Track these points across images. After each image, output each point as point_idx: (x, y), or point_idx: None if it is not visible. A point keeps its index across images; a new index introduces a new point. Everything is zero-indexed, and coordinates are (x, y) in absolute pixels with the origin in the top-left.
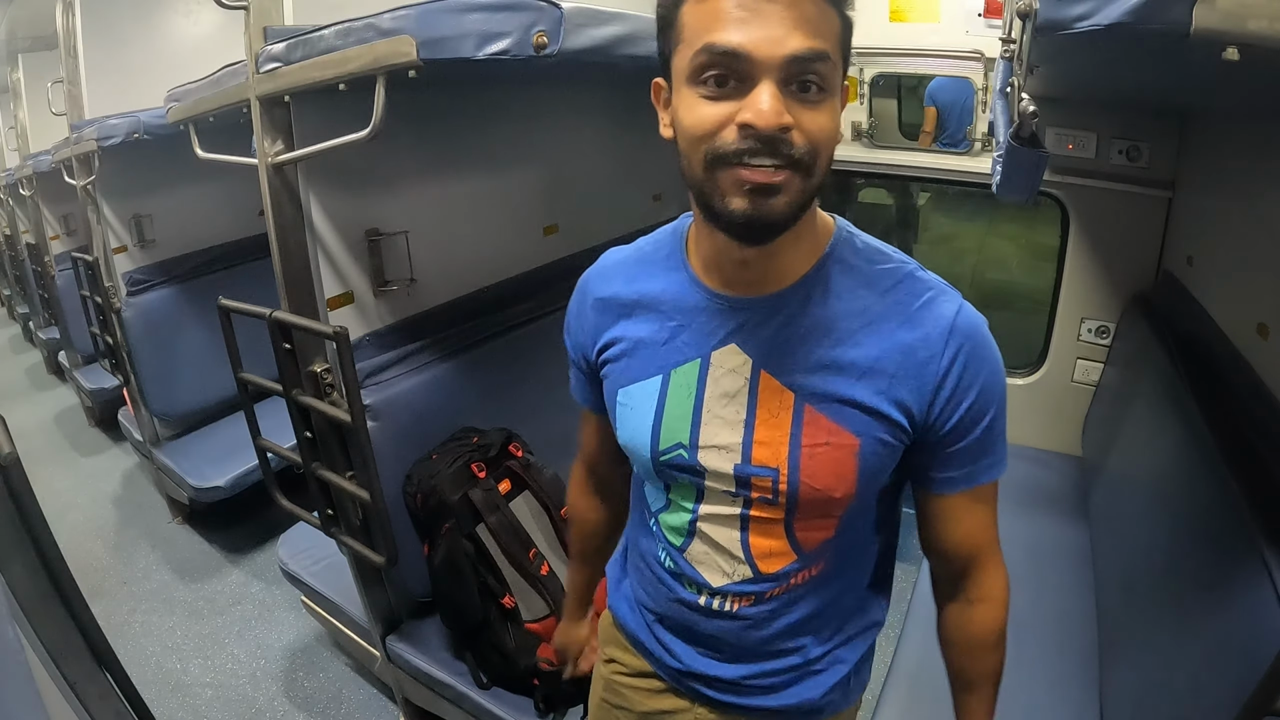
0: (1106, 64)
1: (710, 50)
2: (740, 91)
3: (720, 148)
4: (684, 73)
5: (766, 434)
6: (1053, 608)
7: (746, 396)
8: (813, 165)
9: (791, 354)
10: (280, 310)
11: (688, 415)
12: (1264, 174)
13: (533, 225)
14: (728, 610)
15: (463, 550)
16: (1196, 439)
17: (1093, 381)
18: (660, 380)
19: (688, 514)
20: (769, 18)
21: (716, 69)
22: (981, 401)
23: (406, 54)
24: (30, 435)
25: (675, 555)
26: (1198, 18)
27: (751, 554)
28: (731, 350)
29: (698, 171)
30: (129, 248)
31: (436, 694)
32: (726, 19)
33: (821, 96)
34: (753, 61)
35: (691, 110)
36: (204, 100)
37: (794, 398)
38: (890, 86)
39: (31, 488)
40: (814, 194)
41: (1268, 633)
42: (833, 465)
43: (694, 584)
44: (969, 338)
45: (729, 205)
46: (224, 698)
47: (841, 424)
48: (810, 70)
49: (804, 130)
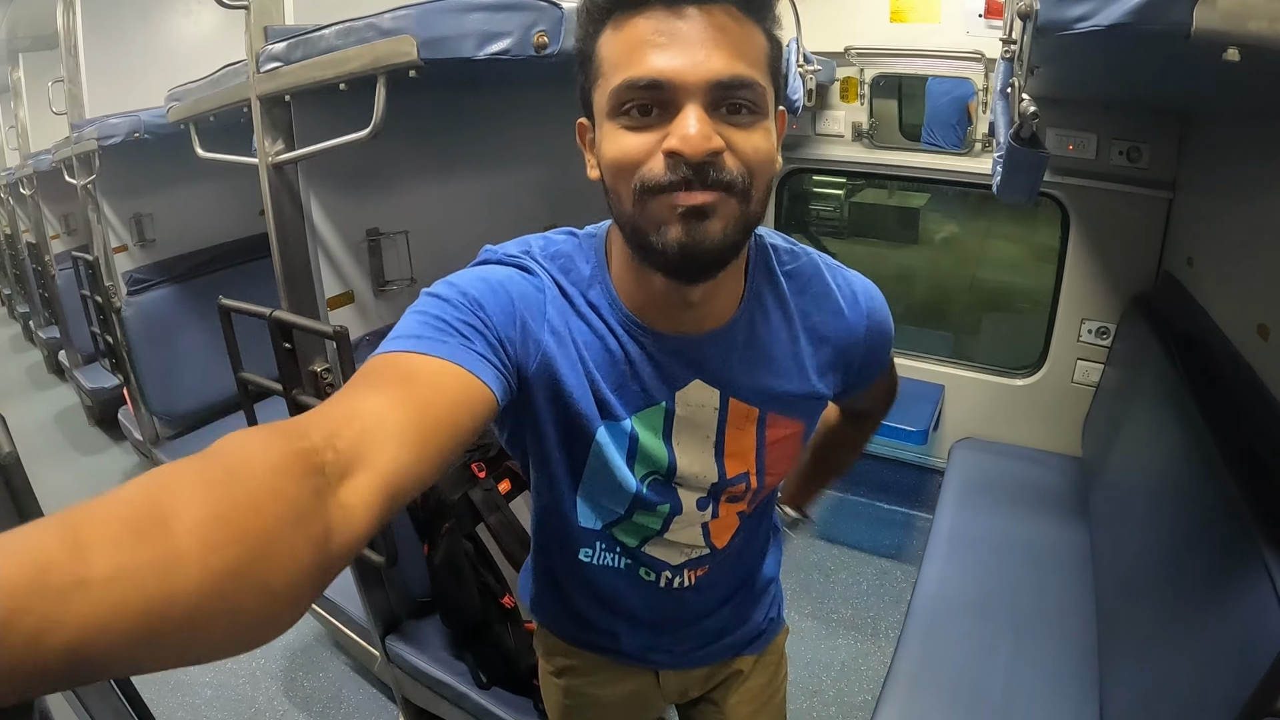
0: (1107, 65)
1: (631, 85)
2: (665, 119)
3: (649, 179)
4: (605, 109)
5: (735, 446)
6: (1053, 608)
7: (716, 422)
8: (749, 190)
9: (752, 376)
10: (280, 310)
11: (661, 451)
12: (1264, 175)
13: (533, 225)
14: (685, 585)
15: (462, 550)
16: (1196, 440)
17: (1093, 382)
18: (628, 423)
19: (653, 530)
20: (688, 41)
21: (638, 100)
22: (883, 349)
23: (407, 54)
24: (30, 434)
25: (631, 553)
26: (1198, 18)
27: (710, 538)
28: (697, 386)
29: (627, 206)
30: (129, 247)
31: (436, 694)
32: (644, 47)
33: (753, 119)
34: (674, 88)
35: (616, 143)
36: (204, 100)
37: (758, 411)
38: (891, 87)
39: (31, 487)
40: (753, 223)
41: (1267, 633)
42: (788, 452)
43: (651, 570)
44: (872, 307)
45: (665, 236)
46: (223, 697)
47: (794, 416)
48: (736, 96)
49: (737, 152)
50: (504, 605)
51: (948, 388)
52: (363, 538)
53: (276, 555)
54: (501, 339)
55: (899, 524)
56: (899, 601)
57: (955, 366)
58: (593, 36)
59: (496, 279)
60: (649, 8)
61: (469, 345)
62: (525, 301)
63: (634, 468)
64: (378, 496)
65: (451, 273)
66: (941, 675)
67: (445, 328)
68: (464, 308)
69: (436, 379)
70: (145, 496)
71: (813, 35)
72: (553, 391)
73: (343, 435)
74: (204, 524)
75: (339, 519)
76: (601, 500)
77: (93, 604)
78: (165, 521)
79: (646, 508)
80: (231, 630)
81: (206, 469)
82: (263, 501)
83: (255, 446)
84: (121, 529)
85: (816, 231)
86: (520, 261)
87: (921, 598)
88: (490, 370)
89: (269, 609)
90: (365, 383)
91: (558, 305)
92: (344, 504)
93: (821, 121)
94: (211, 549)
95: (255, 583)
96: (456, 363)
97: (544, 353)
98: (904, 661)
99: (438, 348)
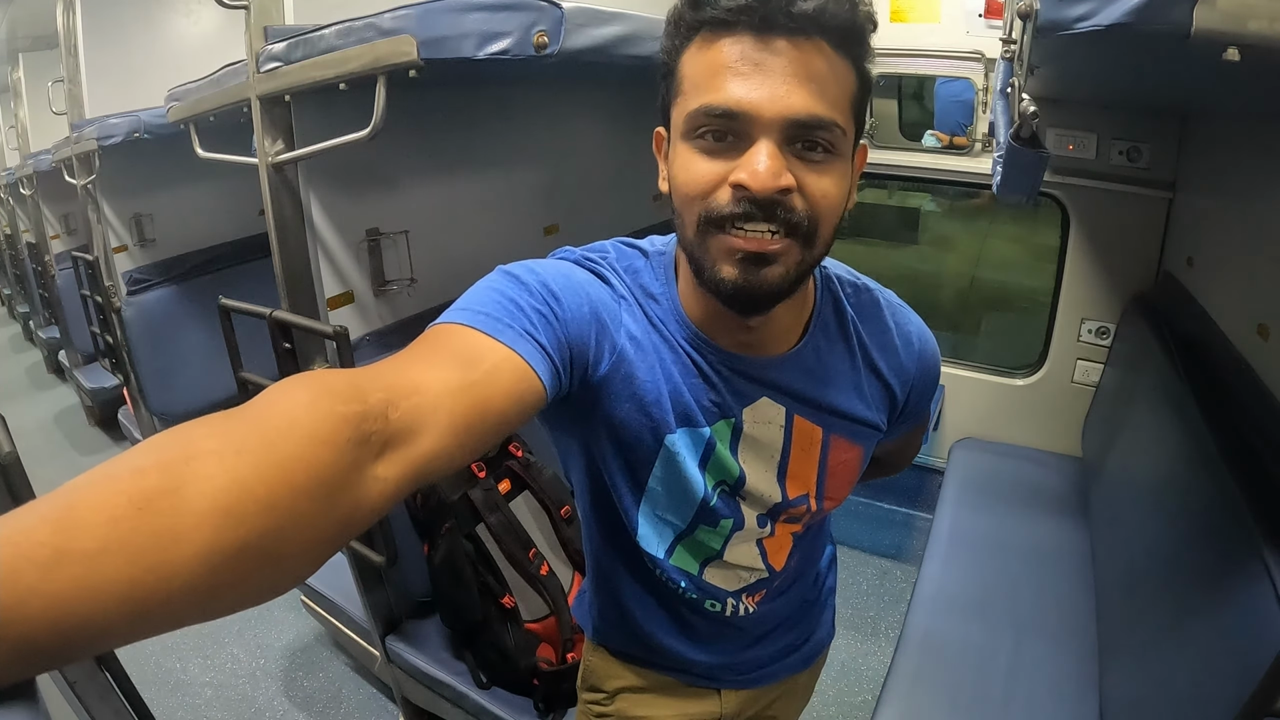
0: (1107, 65)
1: (708, 111)
2: (738, 148)
3: (714, 209)
4: (681, 128)
5: (798, 467)
6: (1053, 607)
7: (781, 441)
8: (814, 234)
9: (818, 397)
10: (280, 310)
11: (732, 462)
12: (1264, 175)
13: (533, 225)
14: (746, 611)
15: (462, 550)
16: (1197, 440)
17: (1093, 382)
18: (707, 430)
19: (714, 550)
20: (772, 73)
21: (713, 126)
22: (930, 387)
23: (407, 54)
24: (30, 434)
25: (694, 580)
26: (1198, 18)
27: (767, 558)
28: (765, 402)
29: (690, 234)
30: (129, 247)
31: (436, 694)
32: (727, 73)
33: (828, 158)
34: (751, 120)
35: (686, 167)
36: (204, 100)
37: (822, 432)
38: (891, 87)
39: (31, 487)
40: (814, 265)
41: (1268, 633)
42: (847, 476)
43: (713, 598)
44: (925, 350)
45: (719, 273)
46: (223, 697)
47: (853, 440)
48: (813, 135)
49: (806, 193)
50: (504, 605)
51: (948, 388)
52: (383, 511)
53: (298, 529)
54: (569, 337)
55: (899, 524)
56: (899, 601)
57: (955, 366)
58: (678, 50)
59: (577, 279)
60: (738, 30)
61: (534, 336)
62: (603, 305)
63: (706, 476)
64: (409, 474)
65: (451, 272)
66: (941, 675)
67: (516, 312)
68: (539, 296)
69: (497, 369)
70: (160, 464)
71: None
72: (629, 393)
73: (400, 406)
74: (225, 493)
75: (371, 490)
76: (665, 514)
77: (73, 577)
78: (179, 490)
79: (710, 521)
80: (234, 602)
81: (240, 433)
82: (295, 473)
83: (300, 406)
84: (122, 502)
85: None
86: (599, 269)
87: (921, 597)
88: (547, 365)
89: (275, 581)
90: (431, 353)
91: (634, 314)
92: (379, 476)
93: None
94: (229, 522)
95: (270, 556)
96: (518, 352)
97: (620, 355)
98: (904, 661)
99: (505, 333)
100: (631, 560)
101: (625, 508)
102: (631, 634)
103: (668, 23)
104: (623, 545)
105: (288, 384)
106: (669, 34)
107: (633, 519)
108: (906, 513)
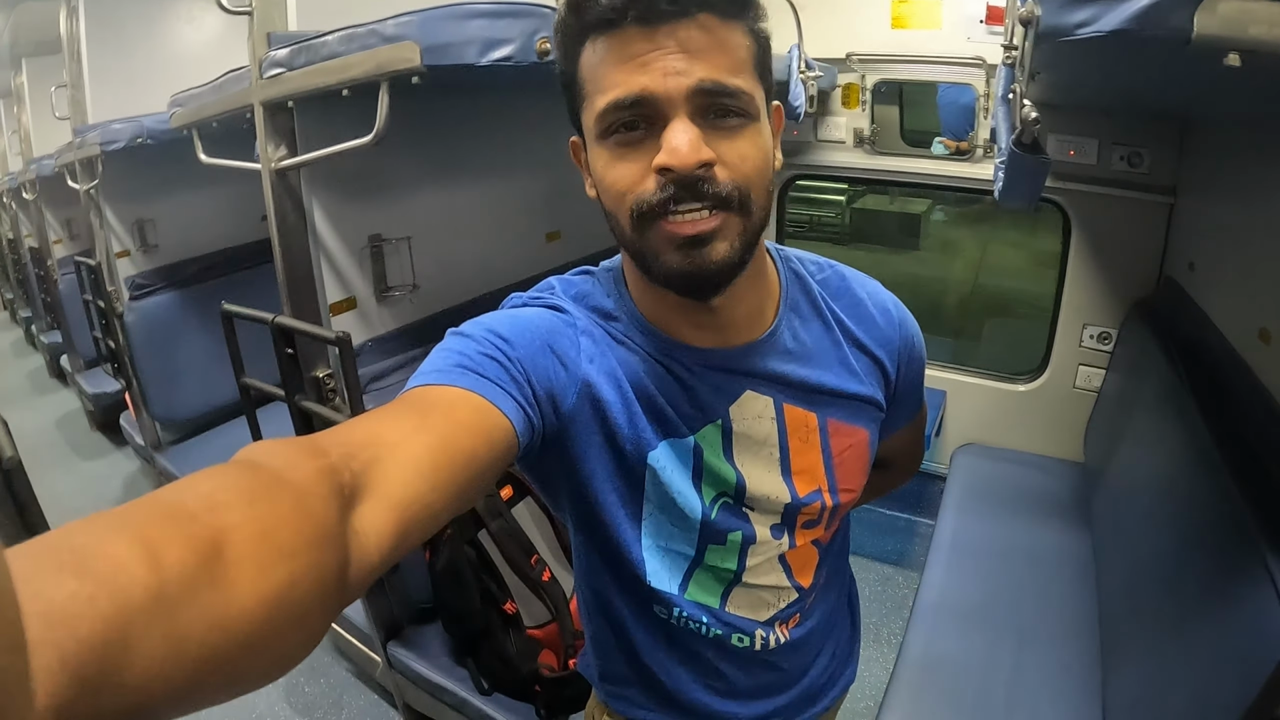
0: (1108, 70)
1: (616, 105)
2: (653, 135)
3: (643, 201)
4: (593, 130)
5: (802, 461)
6: (1055, 613)
7: (777, 435)
8: (747, 200)
9: (805, 379)
10: (283, 315)
11: (728, 469)
12: (1265, 179)
13: (536, 231)
14: (781, 642)
15: (464, 556)
16: (1199, 444)
17: (1095, 388)
18: (692, 440)
19: (729, 573)
20: (668, 55)
21: (624, 118)
22: (919, 361)
23: (410, 60)
24: (32, 439)
25: (717, 615)
26: (1199, 24)
27: (793, 576)
28: (749, 396)
29: (627, 231)
30: (131, 252)
31: (438, 700)
32: (623, 66)
33: (742, 122)
34: (657, 101)
35: (608, 168)
36: (207, 105)
37: (817, 417)
38: (892, 93)
39: (33, 491)
40: (758, 232)
41: (1270, 638)
42: (857, 463)
43: (741, 632)
44: (904, 318)
45: (664, 263)
46: (225, 703)
47: (855, 422)
48: (721, 102)
49: (727, 164)
50: (505, 611)
51: (949, 393)
52: (377, 568)
53: (311, 580)
54: (527, 373)
55: (901, 530)
56: (901, 607)
57: (957, 372)
58: (573, 58)
59: (524, 317)
60: (625, 26)
61: (487, 378)
62: (557, 335)
63: (702, 489)
64: (390, 526)
65: (454, 279)
66: (944, 681)
67: (467, 361)
68: (486, 343)
69: (454, 407)
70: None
71: (814, 42)
72: (601, 419)
73: (358, 458)
74: (254, 542)
75: (354, 545)
76: (670, 544)
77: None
78: (217, 541)
79: (717, 539)
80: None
81: (246, 482)
82: (300, 520)
83: (281, 461)
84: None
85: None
86: (548, 301)
87: (924, 603)
88: (510, 403)
89: (301, 640)
90: (384, 412)
91: (593, 335)
92: (356, 530)
93: (823, 128)
94: (263, 571)
95: (296, 609)
96: (476, 393)
97: (584, 381)
98: (907, 667)
99: (459, 379)
100: (644, 609)
101: (628, 545)
102: (649, 692)
103: (555, 32)
104: (634, 592)
105: (264, 444)
106: (558, 43)
107: (637, 556)
108: (908, 519)
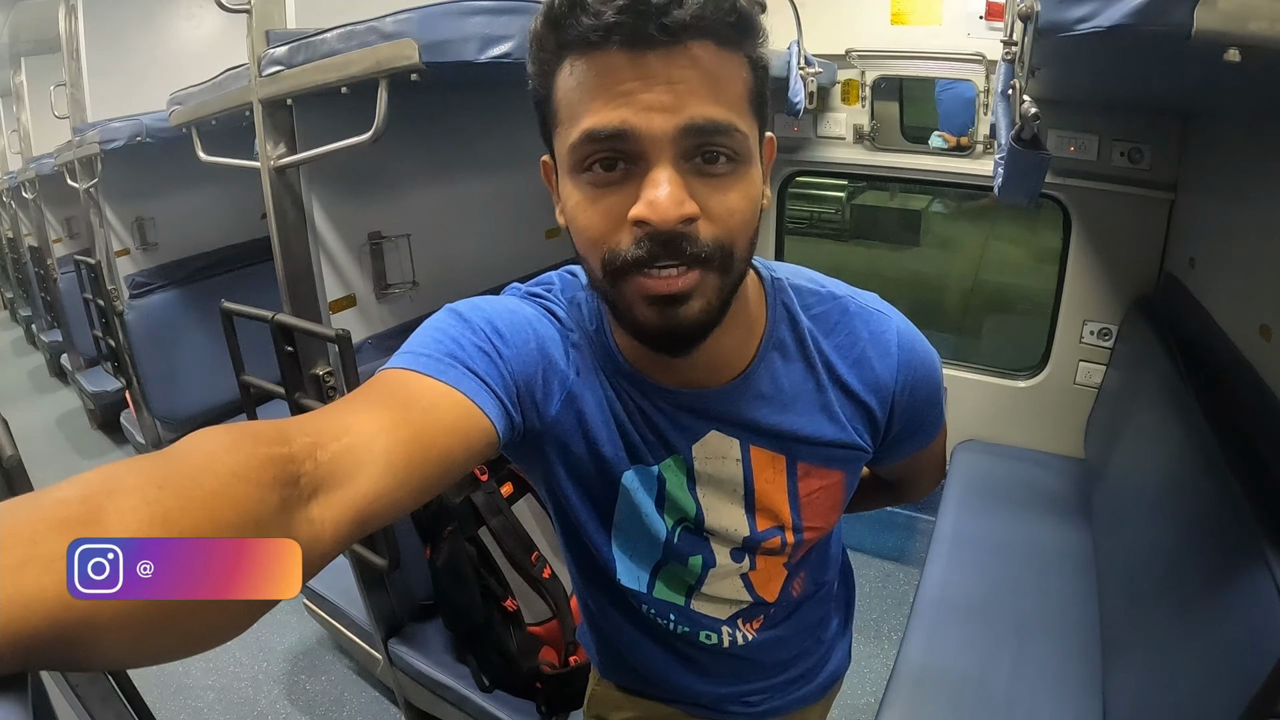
0: (1108, 66)
1: (592, 136)
2: (633, 176)
3: (617, 255)
4: (566, 161)
5: (766, 500)
6: (1055, 610)
7: (741, 472)
8: (729, 259)
9: (776, 424)
10: (282, 313)
11: (688, 500)
12: (1266, 175)
13: (535, 228)
14: (746, 639)
15: (465, 553)
16: (1199, 441)
17: (1095, 384)
18: (657, 469)
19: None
20: (655, 82)
21: (601, 153)
22: (926, 399)
23: (409, 57)
24: (32, 438)
25: (683, 613)
26: (1199, 19)
27: (755, 590)
28: (714, 436)
29: (598, 276)
30: (131, 251)
31: (438, 697)
32: (604, 93)
33: (732, 167)
34: (640, 138)
35: (581, 210)
36: (206, 103)
37: (785, 460)
38: (892, 89)
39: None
40: (736, 286)
41: (1271, 635)
42: (828, 504)
43: (711, 632)
44: (910, 352)
45: (636, 319)
46: (226, 700)
47: (828, 466)
48: (712, 143)
49: (712, 218)
50: (506, 608)
51: (950, 390)
52: (326, 557)
53: None
54: (515, 374)
55: (901, 526)
56: (901, 604)
57: (957, 368)
58: (548, 76)
59: (524, 315)
60: (608, 48)
61: (476, 374)
62: (550, 341)
63: (664, 515)
64: (348, 518)
65: (453, 276)
66: (944, 677)
67: (458, 350)
68: (482, 334)
69: (435, 406)
70: (83, 496)
71: (814, 38)
72: (581, 431)
73: (327, 448)
74: (147, 524)
75: (305, 534)
76: (635, 551)
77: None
78: (100, 521)
79: (679, 559)
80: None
81: (159, 469)
82: (218, 506)
83: (220, 447)
84: (41, 528)
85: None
86: (546, 303)
87: (924, 600)
88: (494, 403)
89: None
90: (364, 398)
91: (581, 350)
92: (313, 519)
93: (823, 124)
94: None
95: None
96: (460, 390)
97: (570, 391)
98: (907, 664)
99: (446, 372)
100: (618, 600)
101: (598, 546)
102: (631, 669)
103: (530, 44)
104: (606, 586)
105: (209, 430)
106: (533, 57)
107: (608, 556)
108: (909, 515)
